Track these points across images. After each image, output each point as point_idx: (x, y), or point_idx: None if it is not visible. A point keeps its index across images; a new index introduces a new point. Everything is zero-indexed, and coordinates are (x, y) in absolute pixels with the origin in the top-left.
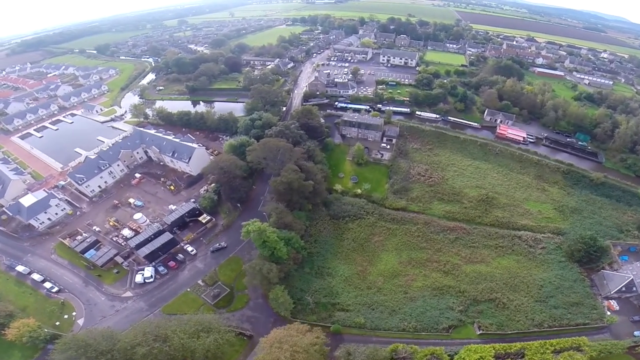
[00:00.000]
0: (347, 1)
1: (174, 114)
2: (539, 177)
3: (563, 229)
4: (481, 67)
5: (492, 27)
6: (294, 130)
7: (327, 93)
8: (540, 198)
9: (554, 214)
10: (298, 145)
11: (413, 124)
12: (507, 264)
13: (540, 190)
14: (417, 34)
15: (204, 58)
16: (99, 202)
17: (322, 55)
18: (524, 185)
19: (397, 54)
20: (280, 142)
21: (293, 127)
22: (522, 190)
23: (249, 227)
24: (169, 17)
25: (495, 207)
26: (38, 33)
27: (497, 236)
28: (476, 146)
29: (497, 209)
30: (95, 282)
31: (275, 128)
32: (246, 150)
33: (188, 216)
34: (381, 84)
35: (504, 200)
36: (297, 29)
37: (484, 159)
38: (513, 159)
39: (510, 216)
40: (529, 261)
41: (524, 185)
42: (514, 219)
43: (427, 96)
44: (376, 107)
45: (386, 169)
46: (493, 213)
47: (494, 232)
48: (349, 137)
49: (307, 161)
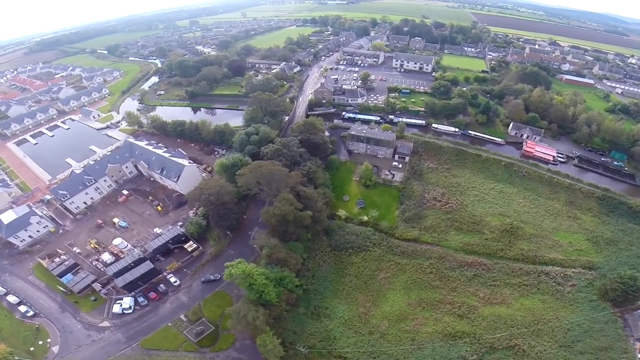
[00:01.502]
0: (359, 2)
1: (169, 124)
2: (570, 204)
3: (596, 262)
4: (503, 73)
5: (509, 29)
6: (293, 148)
7: (334, 101)
8: (572, 227)
9: (587, 245)
10: (297, 166)
11: (429, 139)
12: (531, 304)
13: (571, 218)
14: (432, 36)
15: (208, 60)
16: (83, 220)
17: (331, 58)
18: (554, 213)
19: (412, 58)
20: (274, 167)
21: (293, 145)
22: (551, 218)
23: (232, 270)
24: (183, 17)
25: (520, 239)
26: (57, 32)
27: (521, 273)
28: (500, 167)
29: (523, 241)
30: (71, 309)
31: (272, 146)
32: (235, 174)
33: (173, 243)
34: (393, 92)
35: (530, 231)
36: (307, 30)
37: (509, 182)
38: (542, 182)
39: (537, 249)
40: (556, 301)
41: (553, 212)
42: (542, 252)
43: (445, 106)
44: (387, 119)
45: (397, 192)
46: (518, 245)
47: (518, 268)
48: (356, 153)
49: (307, 185)
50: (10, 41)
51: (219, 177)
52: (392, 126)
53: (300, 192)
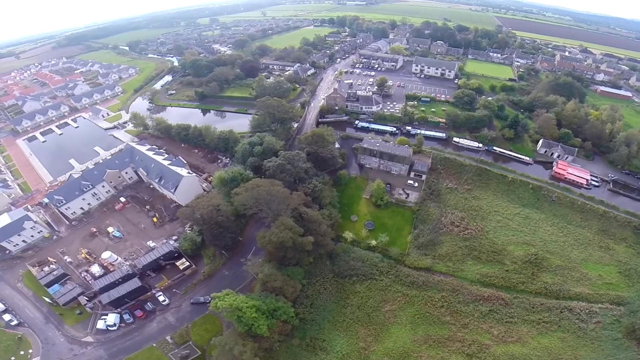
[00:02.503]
0: (378, 3)
1: (173, 127)
2: (603, 232)
3: (626, 298)
4: (533, 82)
5: (536, 34)
6: (298, 164)
7: (347, 108)
8: (603, 259)
9: (618, 278)
10: (302, 183)
11: (449, 155)
12: (548, 343)
13: (603, 248)
14: (455, 40)
15: (222, 60)
16: (78, 226)
17: (347, 61)
18: (584, 243)
19: (433, 63)
20: (273, 187)
21: (298, 160)
22: (580, 248)
23: (219, 303)
24: (205, 15)
25: (544, 271)
26: (88, 27)
27: (542, 308)
28: (527, 189)
29: (547, 273)
30: (56, 321)
31: (275, 160)
32: (231, 192)
33: (164, 259)
34: (412, 100)
35: (556, 262)
36: (324, 30)
37: (536, 207)
38: (573, 209)
39: (562, 282)
40: (577, 339)
41: (583, 242)
42: (567, 285)
43: (469, 118)
44: (404, 130)
45: (411, 214)
46: (541, 278)
47: (539, 303)
48: (367, 168)
49: (312, 204)
50: (44, 35)
51: (217, 190)
52: (408, 139)
53: (303, 214)
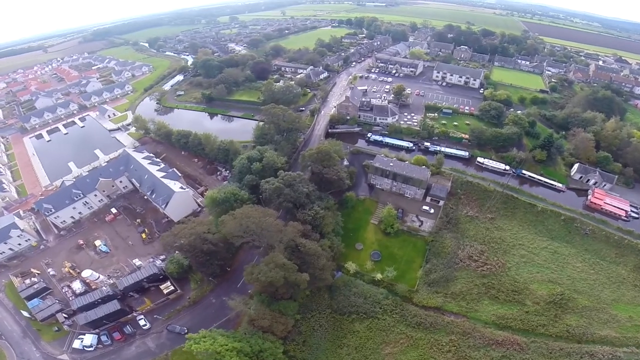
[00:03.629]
0: (398, 5)
1: (173, 133)
2: (639, 269)
3: None
4: (566, 95)
5: (564, 41)
6: (298, 187)
7: (360, 119)
8: (636, 299)
9: None
10: (302, 209)
11: (472, 178)
12: None
13: (638, 287)
14: (480, 45)
15: (234, 61)
16: (67, 236)
17: (362, 64)
18: (617, 281)
19: (456, 70)
20: (265, 218)
21: (298, 182)
22: (612, 287)
23: (194, 347)
24: (226, 13)
25: (569, 312)
26: (115, 22)
27: (560, 354)
28: (558, 221)
29: (572, 314)
30: (33, 335)
31: (273, 182)
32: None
33: (148, 281)
34: (432, 111)
35: (583, 302)
36: (341, 31)
37: (566, 241)
38: (608, 243)
39: (587, 325)
40: None
41: (616, 280)
42: (592, 328)
43: (496, 136)
44: (422, 146)
45: (424, 244)
46: (564, 320)
47: (558, 348)
48: (378, 189)
49: (312, 233)
50: (73, 29)
51: (209, 210)
52: (426, 157)
53: (300, 246)
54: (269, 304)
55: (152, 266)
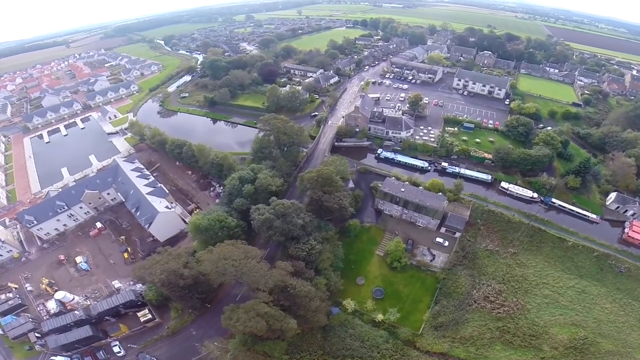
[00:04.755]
0: (416, 6)
1: (168, 142)
2: None
3: None
4: (601, 109)
5: (590, 46)
6: (292, 219)
7: (370, 132)
8: None
9: None
10: (296, 243)
11: (494, 207)
12: None
13: None
14: (505, 51)
15: (242, 62)
16: (49, 249)
17: (376, 69)
18: None
19: (479, 78)
20: (246, 260)
21: (293, 212)
22: None
23: None
24: (244, 12)
25: (590, 357)
26: (138, 19)
27: None
28: (590, 257)
29: None
30: (5, 352)
31: (263, 212)
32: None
33: (125, 307)
34: (452, 125)
35: (607, 347)
36: (356, 32)
37: (597, 279)
38: None
39: None
40: None
41: None
42: None
43: (524, 158)
44: (439, 166)
45: (434, 281)
46: None
47: None
48: (387, 215)
49: (304, 270)
50: (97, 25)
51: (193, 236)
52: (443, 178)
53: (289, 287)
54: (253, 344)
55: (129, 292)
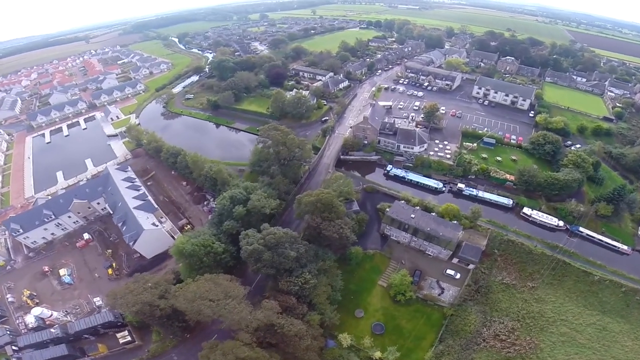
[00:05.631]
0: (433, 8)
1: (163, 149)
2: None
3: None
4: (635, 124)
5: (614, 53)
6: (284, 250)
7: (380, 145)
8: None
9: None
10: (289, 275)
11: (514, 236)
12: None
13: None
14: (528, 57)
15: (250, 62)
16: (35, 259)
17: (389, 73)
18: None
19: (502, 87)
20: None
21: (285, 242)
22: None
23: None
24: (260, 10)
25: None
26: (158, 15)
27: None
28: (617, 292)
29: None
30: None
31: (252, 240)
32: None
33: (104, 327)
34: (470, 139)
35: None
36: (369, 33)
37: (621, 315)
38: None
39: None
40: None
41: None
42: None
43: (551, 182)
44: (455, 187)
45: (440, 317)
46: None
47: None
48: (393, 241)
49: (296, 306)
50: (118, 21)
51: (177, 259)
52: (459, 200)
53: (277, 327)
54: None
55: (108, 313)
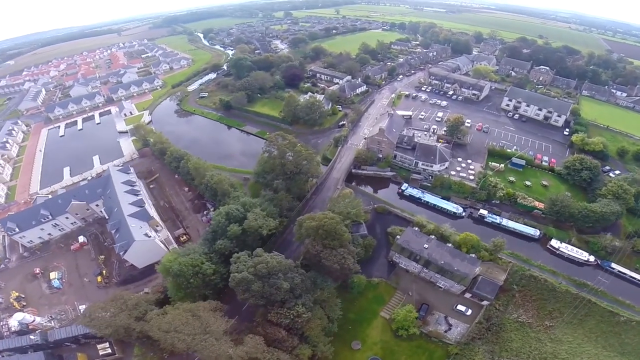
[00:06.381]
0: (460, 12)
1: (168, 151)
2: None
3: None
4: None
5: None
6: (276, 280)
7: (396, 159)
8: None
9: None
10: (280, 306)
11: (537, 271)
12: None
13: None
14: (565, 67)
15: (268, 62)
16: (29, 259)
17: (412, 79)
18: None
19: (535, 100)
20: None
21: (279, 272)
22: None
23: None
24: (286, 8)
25: None
26: (189, 10)
27: None
28: None
29: None
30: None
31: (243, 267)
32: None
33: (85, 337)
34: (497, 158)
35: None
36: (392, 35)
37: None
38: None
39: None
40: None
41: None
42: None
43: (587, 214)
44: (476, 214)
45: (444, 355)
46: None
47: None
48: (401, 270)
49: (286, 339)
50: (152, 14)
51: (164, 276)
52: (479, 227)
53: None
54: None
55: None
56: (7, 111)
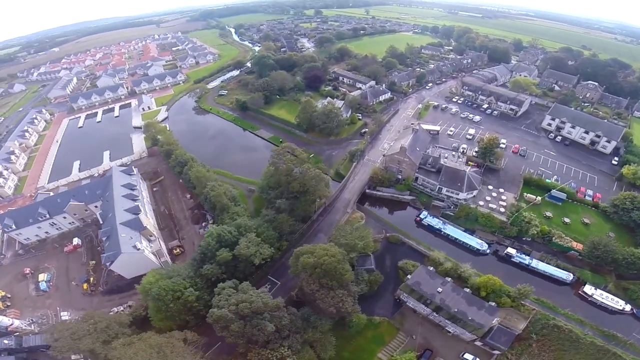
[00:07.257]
0: (497, 17)
1: (173, 154)
2: None
3: None
4: None
5: None
6: (263, 320)
7: (417, 182)
8: None
9: None
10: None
11: (563, 320)
12: None
13: None
14: (613, 83)
15: (291, 61)
16: (23, 257)
17: (442, 87)
18: None
19: (581, 120)
20: None
21: (265, 312)
22: None
23: None
24: (318, 6)
25: None
26: (225, 5)
27: None
28: None
29: None
30: None
31: (224, 303)
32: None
33: None
34: (534, 189)
35: None
36: (423, 39)
37: None
38: None
39: None
40: None
41: None
42: None
43: (632, 260)
44: (503, 252)
45: None
46: None
47: None
48: (408, 309)
49: None
50: (192, 7)
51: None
52: (501, 267)
53: None
54: None
55: None
56: (38, 98)
